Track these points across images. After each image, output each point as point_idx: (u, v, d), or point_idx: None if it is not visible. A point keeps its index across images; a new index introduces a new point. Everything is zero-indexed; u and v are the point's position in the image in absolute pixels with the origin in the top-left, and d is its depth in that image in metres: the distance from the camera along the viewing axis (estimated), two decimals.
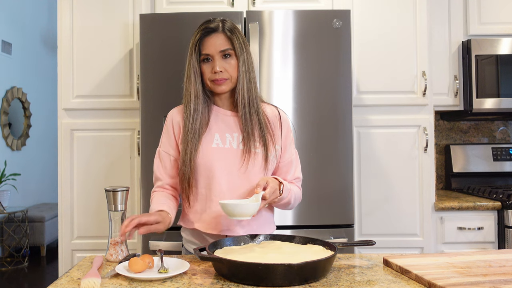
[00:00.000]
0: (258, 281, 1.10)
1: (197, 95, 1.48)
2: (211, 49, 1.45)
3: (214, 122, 1.50)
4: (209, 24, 1.47)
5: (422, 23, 2.45)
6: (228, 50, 1.46)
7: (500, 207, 2.48)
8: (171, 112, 1.56)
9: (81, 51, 2.43)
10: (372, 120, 2.45)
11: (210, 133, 1.49)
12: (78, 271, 1.27)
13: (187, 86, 1.49)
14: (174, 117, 1.54)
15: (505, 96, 2.72)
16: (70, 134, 2.43)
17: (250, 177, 1.47)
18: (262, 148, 1.49)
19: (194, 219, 1.50)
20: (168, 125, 1.54)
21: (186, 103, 1.49)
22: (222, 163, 1.47)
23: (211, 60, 1.47)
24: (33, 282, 4.31)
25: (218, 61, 1.45)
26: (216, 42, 1.46)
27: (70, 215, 2.42)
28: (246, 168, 1.47)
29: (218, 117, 1.52)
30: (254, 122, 1.49)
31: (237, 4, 2.46)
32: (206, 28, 1.46)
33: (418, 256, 1.31)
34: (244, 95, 1.48)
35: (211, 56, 1.46)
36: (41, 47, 6.06)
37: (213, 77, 1.46)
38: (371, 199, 2.43)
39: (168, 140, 1.54)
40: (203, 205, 1.49)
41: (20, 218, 4.93)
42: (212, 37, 1.46)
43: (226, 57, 1.46)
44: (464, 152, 3.03)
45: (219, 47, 1.46)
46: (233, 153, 1.48)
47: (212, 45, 1.45)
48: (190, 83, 1.48)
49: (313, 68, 2.22)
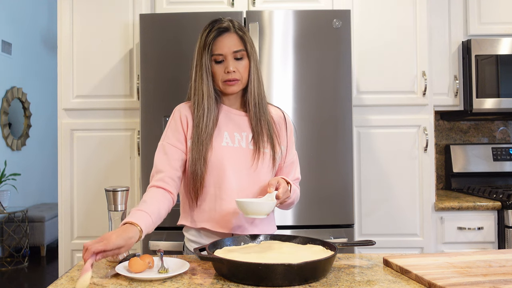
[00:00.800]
0: (258, 281, 1.10)
1: (210, 95, 1.47)
2: (225, 49, 1.45)
3: (222, 121, 1.50)
4: (221, 24, 1.46)
5: (422, 23, 2.45)
6: (241, 51, 1.46)
7: (500, 207, 2.48)
8: (179, 107, 1.54)
9: (81, 51, 2.43)
10: (372, 120, 2.45)
11: (220, 132, 1.49)
12: (78, 271, 1.27)
13: (198, 86, 1.47)
14: (182, 111, 1.51)
15: (505, 96, 2.72)
16: (70, 134, 2.43)
17: (259, 177, 1.48)
18: (270, 148, 1.51)
19: (202, 218, 1.49)
20: (176, 120, 1.51)
21: (198, 103, 1.47)
22: (233, 161, 1.47)
23: (223, 60, 1.46)
24: (33, 282, 4.31)
25: (231, 62, 1.45)
26: (230, 42, 1.45)
27: (70, 215, 2.42)
28: (256, 168, 1.48)
29: (226, 116, 1.52)
30: (263, 122, 1.51)
31: (237, 4, 2.46)
32: (220, 28, 1.45)
33: (418, 256, 1.31)
34: (255, 95, 1.50)
35: (224, 56, 1.45)
36: (41, 47, 6.05)
37: (226, 78, 1.46)
38: (371, 199, 2.43)
39: (174, 134, 1.49)
40: (212, 204, 1.48)
41: (20, 218, 4.93)
42: (225, 37, 1.45)
43: (238, 57, 1.46)
44: (464, 152, 3.03)
45: (233, 47, 1.45)
46: (243, 152, 1.49)
47: (226, 45, 1.45)
48: (202, 83, 1.46)
49: (313, 68, 2.22)
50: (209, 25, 1.48)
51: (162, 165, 1.46)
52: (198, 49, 1.48)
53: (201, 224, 1.49)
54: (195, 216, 1.51)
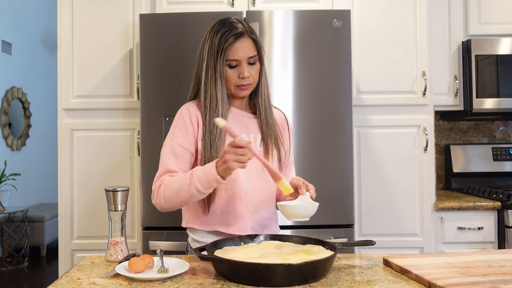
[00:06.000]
0: (258, 281, 1.10)
1: (223, 100, 1.46)
2: (240, 55, 1.44)
3: (231, 123, 1.49)
4: (235, 29, 1.44)
5: (422, 23, 2.45)
6: (255, 56, 1.46)
7: (500, 207, 2.48)
8: (187, 106, 1.51)
9: (81, 51, 2.43)
10: (372, 120, 2.45)
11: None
12: (78, 271, 1.27)
13: (212, 91, 1.45)
14: (192, 111, 1.49)
15: (505, 96, 2.72)
16: (70, 134, 2.43)
17: (267, 178, 1.48)
18: (276, 149, 1.53)
19: (214, 222, 1.48)
20: (185, 120, 1.48)
21: (211, 107, 1.45)
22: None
23: (237, 65, 1.45)
24: (33, 282, 4.31)
25: (246, 67, 1.45)
26: (246, 48, 1.44)
27: (70, 215, 2.41)
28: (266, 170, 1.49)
29: (235, 118, 1.51)
30: (271, 124, 1.52)
31: (237, 4, 2.46)
32: (236, 33, 1.43)
33: (418, 256, 1.31)
34: (264, 98, 1.52)
35: (239, 61, 1.44)
36: (41, 47, 6.05)
37: (240, 82, 1.45)
38: (371, 199, 2.43)
39: (184, 134, 1.47)
40: (224, 207, 1.48)
41: (20, 218, 4.93)
42: (240, 43, 1.44)
43: (251, 62, 1.46)
44: (464, 152, 3.03)
45: (249, 53, 1.45)
46: None
47: (241, 51, 1.44)
48: (216, 87, 1.44)
49: (313, 68, 2.22)
50: (221, 28, 1.45)
51: (173, 167, 1.44)
52: (209, 52, 1.45)
53: (214, 227, 1.49)
54: (206, 220, 1.50)
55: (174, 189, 1.37)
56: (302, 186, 1.39)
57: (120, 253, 1.38)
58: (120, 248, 1.38)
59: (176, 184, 1.37)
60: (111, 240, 1.39)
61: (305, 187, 1.40)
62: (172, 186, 1.38)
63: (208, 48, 1.46)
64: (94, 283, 1.16)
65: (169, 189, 1.38)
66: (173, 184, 1.38)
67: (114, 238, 1.39)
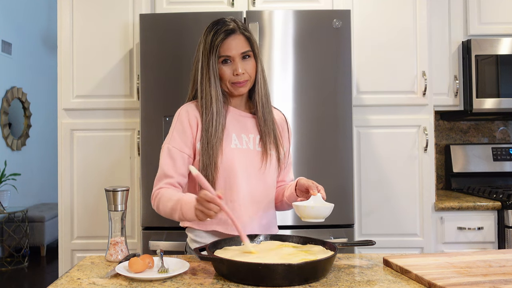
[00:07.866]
0: (258, 281, 1.10)
1: (218, 98, 1.45)
2: (232, 51, 1.44)
3: (229, 123, 1.49)
4: (227, 26, 1.44)
5: (422, 23, 2.45)
6: (248, 52, 1.46)
7: (500, 207, 2.48)
8: (185, 108, 1.50)
9: (81, 51, 2.43)
10: (372, 120, 2.45)
11: (228, 134, 1.48)
12: (78, 271, 1.27)
13: (205, 89, 1.45)
14: (191, 112, 1.48)
15: (505, 96, 2.72)
16: (70, 134, 2.43)
17: (266, 178, 1.49)
18: (275, 150, 1.52)
19: (213, 221, 1.47)
20: (183, 121, 1.47)
21: (206, 106, 1.45)
22: (243, 164, 1.47)
23: (230, 62, 1.45)
24: (33, 282, 4.31)
25: (240, 63, 1.44)
26: (238, 44, 1.44)
27: (70, 215, 2.42)
28: (264, 170, 1.49)
29: (233, 117, 1.51)
30: (269, 123, 1.51)
31: (237, 4, 2.46)
32: (226, 30, 1.44)
33: (418, 256, 1.31)
34: (262, 96, 1.50)
35: (232, 58, 1.44)
36: (41, 47, 6.05)
37: (235, 79, 1.45)
38: (371, 199, 2.43)
39: (182, 137, 1.47)
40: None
41: (20, 218, 4.93)
42: (232, 39, 1.44)
43: (245, 58, 1.46)
44: (464, 152, 3.03)
45: (241, 49, 1.44)
46: (251, 154, 1.49)
47: (234, 47, 1.44)
48: (210, 86, 1.44)
49: (313, 68, 2.22)
50: (213, 27, 1.46)
51: (170, 171, 1.45)
52: (203, 51, 1.45)
53: (212, 227, 1.49)
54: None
55: (167, 210, 1.40)
56: (313, 187, 1.38)
57: (120, 253, 1.38)
58: (120, 248, 1.38)
59: (168, 205, 1.39)
60: (111, 240, 1.39)
61: (315, 187, 1.39)
62: (165, 207, 1.40)
63: (202, 47, 1.47)
64: (94, 283, 1.16)
65: (163, 206, 1.41)
66: (166, 205, 1.40)
67: (114, 238, 1.39)
